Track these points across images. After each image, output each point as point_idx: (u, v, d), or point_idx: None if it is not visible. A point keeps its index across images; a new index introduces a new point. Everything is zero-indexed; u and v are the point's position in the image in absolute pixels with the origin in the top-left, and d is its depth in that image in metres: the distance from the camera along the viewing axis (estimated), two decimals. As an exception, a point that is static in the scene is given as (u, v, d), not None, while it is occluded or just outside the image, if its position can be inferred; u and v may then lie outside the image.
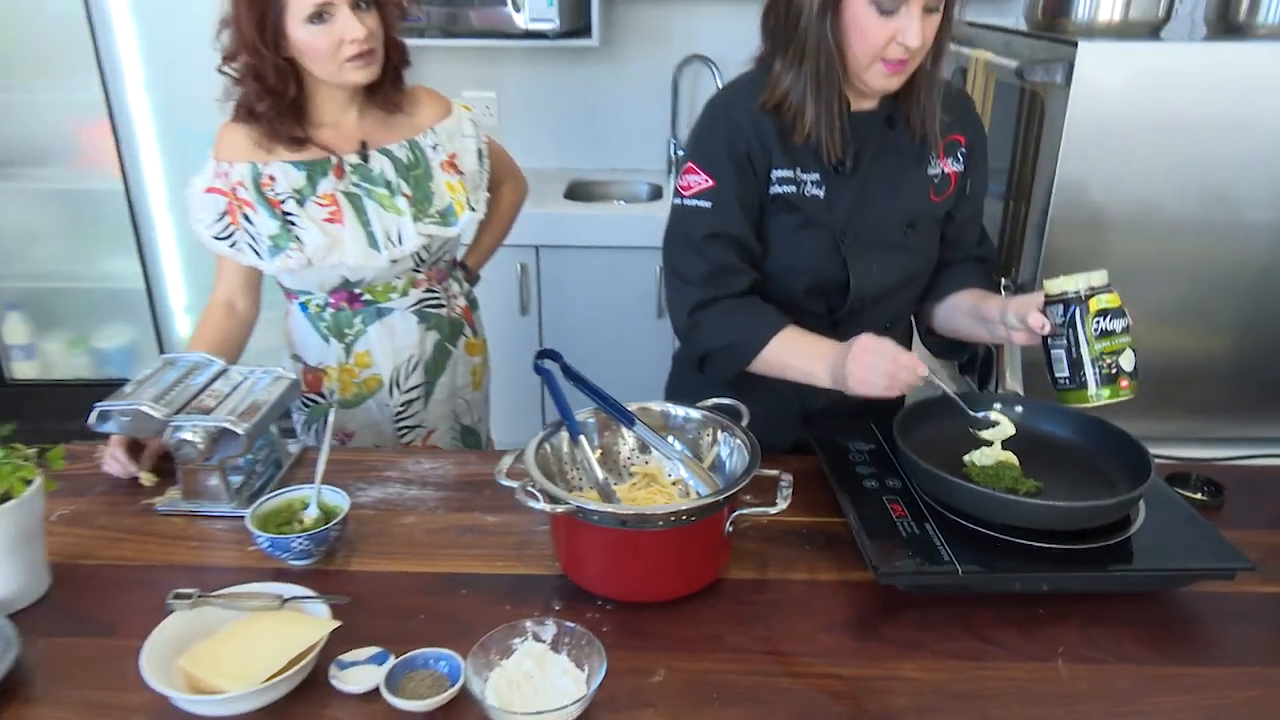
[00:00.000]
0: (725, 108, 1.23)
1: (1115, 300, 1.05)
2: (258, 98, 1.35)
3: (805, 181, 1.20)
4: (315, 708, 0.88)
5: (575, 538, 1.01)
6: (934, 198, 1.25)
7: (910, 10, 1.06)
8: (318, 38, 1.29)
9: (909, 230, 1.24)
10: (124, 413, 1.16)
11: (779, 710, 0.88)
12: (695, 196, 1.21)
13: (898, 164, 1.22)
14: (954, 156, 1.26)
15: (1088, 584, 1.00)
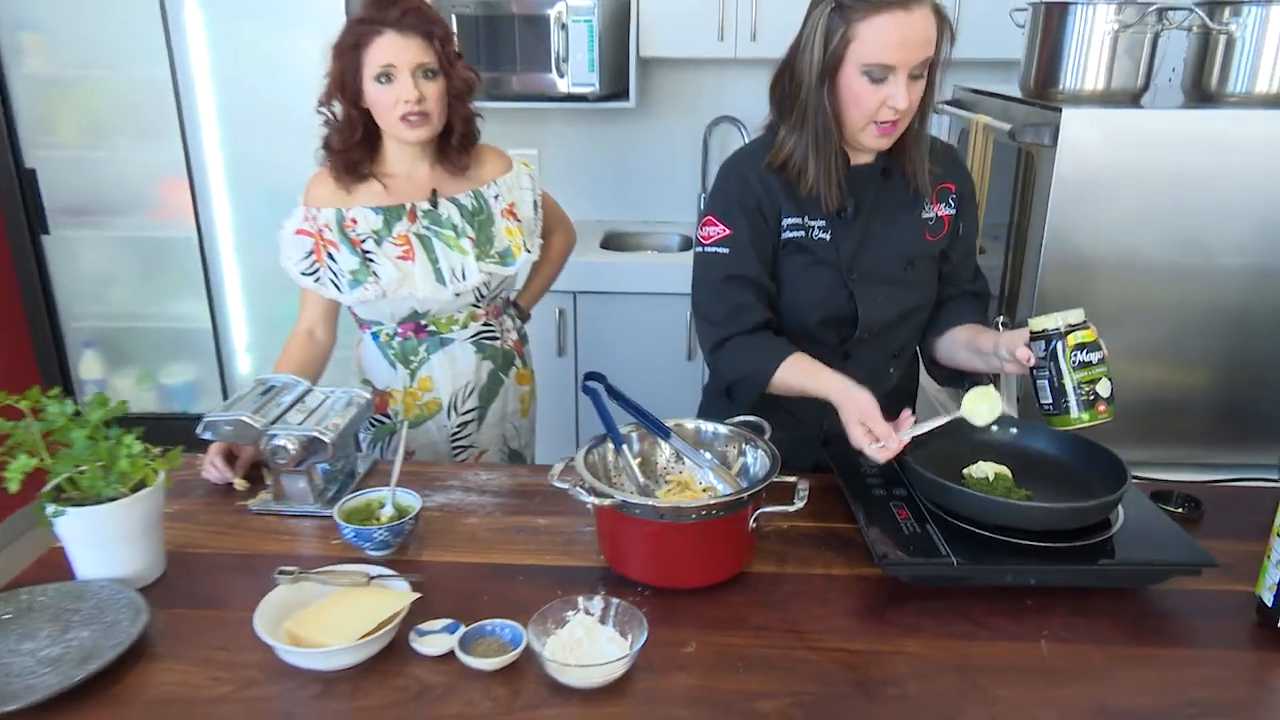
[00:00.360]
0: (737, 168, 1.41)
1: (1091, 335, 1.20)
2: (334, 135, 1.57)
3: (813, 227, 1.37)
4: (399, 666, 1.03)
5: (618, 530, 1.16)
6: (929, 238, 1.42)
7: (897, 78, 1.24)
8: (381, 95, 1.50)
9: (909, 267, 1.40)
10: (228, 422, 1.34)
11: (796, 676, 1.02)
12: (714, 244, 1.38)
13: (895, 209, 1.39)
14: (945, 202, 1.43)
15: (1071, 577, 1.14)
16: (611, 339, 3.03)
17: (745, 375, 1.37)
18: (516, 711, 0.97)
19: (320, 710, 0.97)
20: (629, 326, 3.02)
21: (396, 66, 1.48)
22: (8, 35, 2.76)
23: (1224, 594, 1.16)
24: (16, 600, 1.11)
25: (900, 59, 1.24)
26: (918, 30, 1.23)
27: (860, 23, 1.23)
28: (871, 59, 1.24)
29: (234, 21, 2.77)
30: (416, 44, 1.48)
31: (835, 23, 1.25)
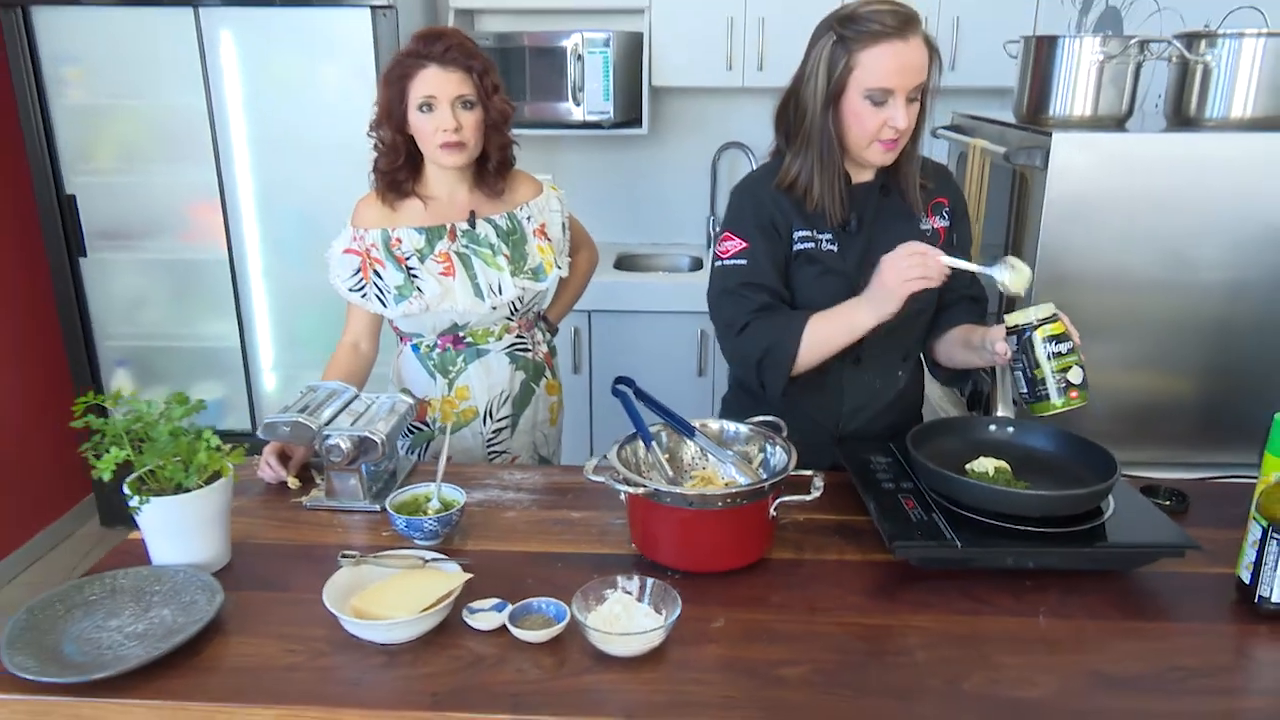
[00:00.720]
0: (749, 189, 1.54)
1: (1059, 328, 1.31)
2: (381, 158, 1.70)
3: (821, 240, 1.49)
4: (454, 639, 1.13)
5: (650, 518, 1.26)
6: None
7: (896, 101, 1.38)
8: (423, 123, 1.63)
9: None
10: (286, 423, 1.44)
11: (815, 646, 1.12)
12: (732, 257, 1.50)
13: (894, 223, 1.51)
14: (940, 215, 1.55)
15: (1066, 560, 1.24)
16: (625, 356, 3.15)
17: (771, 345, 1.44)
18: (564, 678, 1.07)
19: (386, 677, 1.07)
20: (642, 344, 3.14)
21: (437, 98, 1.61)
22: (50, 68, 2.89)
23: (1206, 575, 1.26)
24: (102, 583, 1.21)
25: (898, 83, 1.37)
26: (913, 57, 1.37)
27: (861, 52, 1.37)
28: (873, 84, 1.38)
29: (266, 53, 2.90)
30: (457, 77, 1.60)
31: (838, 53, 1.39)
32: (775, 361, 1.44)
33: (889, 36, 1.36)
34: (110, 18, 2.83)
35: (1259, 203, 1.54)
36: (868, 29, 1.37)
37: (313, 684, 1.06)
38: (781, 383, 1.45)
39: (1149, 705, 1.02)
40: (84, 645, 1.11)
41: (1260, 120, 1.55)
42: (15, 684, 1.04)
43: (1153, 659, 1.10)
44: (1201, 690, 1.04)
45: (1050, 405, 1.32)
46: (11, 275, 3.09)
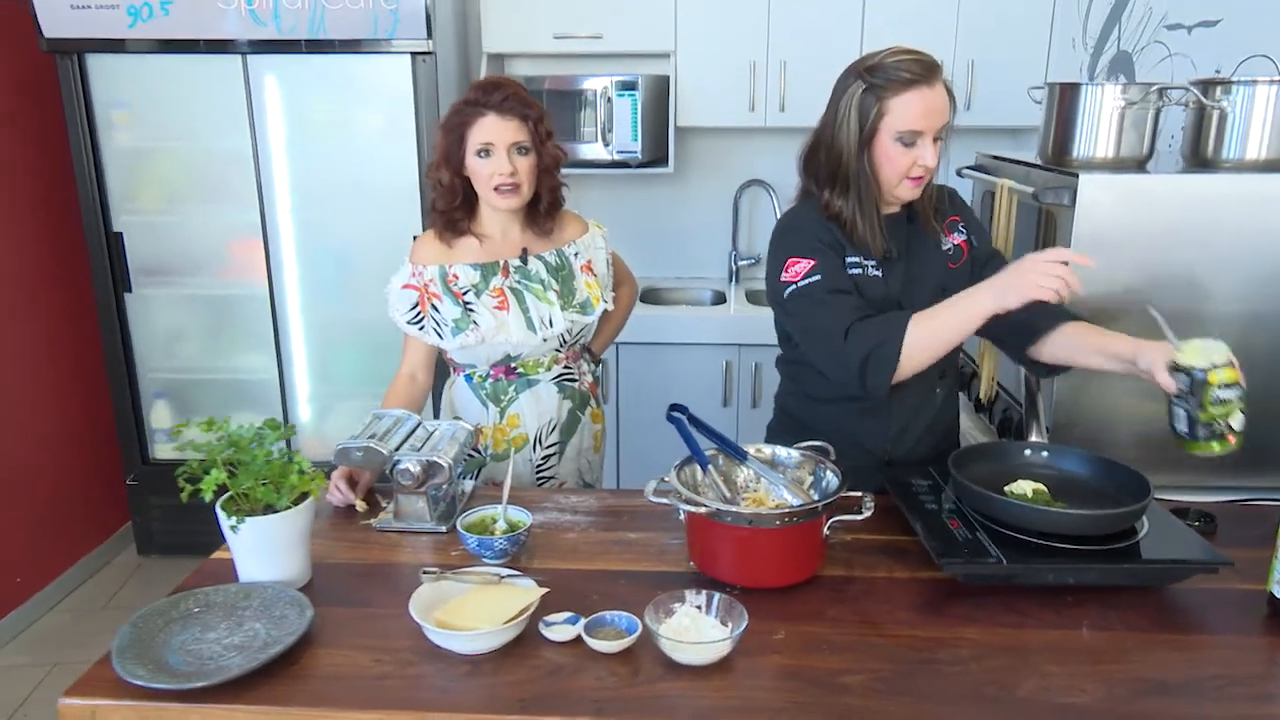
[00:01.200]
0: (799, 218, 1.63)
1: (1233, 375, 1.31)
2: (439, 199, 1.79)
3: (867, 265, 1.59)
4: (532, 650, 1.20)
5: (710, 536, 1.34)
6: (951, 266, 1.63)
7: (925, 141, 1.50)
8: (480, 167, 1.72)
9: (942, 294, 1.57)
10: (359, 449, 1.53)
11: (872, 657, 1.19)
12: (806, 276, 1.54)
13: (923, 249, 1.62)
14: (956, 231, 1.65)
15: (1104, 575, 1.31)
16: (651, 387, 3.23)
17: (875, 346, 1.47)
18: (639, 685, 1.14)
19: (471, 685, 1.14)
20: (668, 375, 3.22)
21: (494, 144, 1.71)
22: (101, 112, 3.02)
23: (1238, 591, 1.33)
24: (195, 598, 1.29)
25: (926, 125, 1.49)
26: (938, 101, 1.49)
27: (891, 99, 1.48)
28: (904, 127, 1.49)
29: (309, 99, 3.03)
30: (514, 125, 1.70)
31: (869, 101, 1.50)
32: (880, 361, 1.47)
33: (916, 84, 1.47)
34: (160, 65, 2.96)
35: (1273, 239, 1.63)
36: (897, 77, 1.48)
37: (405, 691, 1.13)
38: (886, 383, 1.48)
39: (1192, 710, 1.08)
40: (186, 656, 1.18)
41: (1274, 162, 1.64)
42: (129, 690, 1.11)
43: (1192, 668, 1.16)
44: (1240, 696, 1.11)
45: (1209, 448, 1.35)
46: (59, 309, 3.19)
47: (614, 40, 3.18)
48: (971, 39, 3.12)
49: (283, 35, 2.84)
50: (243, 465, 1.29)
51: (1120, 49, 2.64)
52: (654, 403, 3.22)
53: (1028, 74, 3.06)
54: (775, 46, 3.16)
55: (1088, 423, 1.71)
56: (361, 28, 2.83)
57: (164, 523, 3.39)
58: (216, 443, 1.29)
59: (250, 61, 2.95)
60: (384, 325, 3.15)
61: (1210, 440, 1.35)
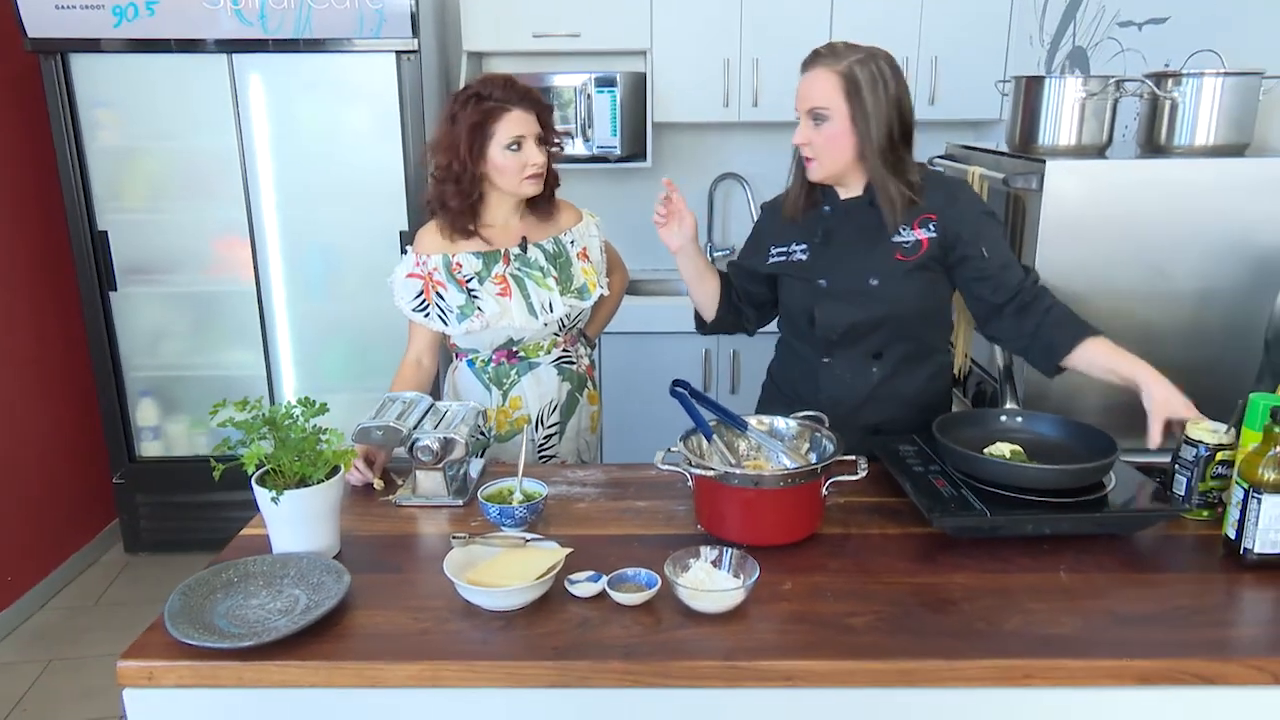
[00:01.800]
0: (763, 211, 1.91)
1: (1233, 455, 1.44)
2: (452, 195, 1.84)
3: (794, 251, 1.78)
4: (560, 605, 1.29)
5: (717, 498, 1.44)
6: (899, 257, 1.70)
7: (802, 120, 1.68)
8: (510, 160, 1.80)
9: (871, 281, 1.70)
10: (379, 428, 1.60)
11: (874, 601, 1.30)
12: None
13: (871, 234, 1.72)
14: (926, 227, 1.70)
15: (1076, 525, 1.43)
16: (633, 375, 3.33)
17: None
18: (662, 632, 1.23)
19: (509, 636, 1.23)
20: (648, 363, 3.32)
21: (525, 136, 1.80)
22: (86, 112, 3.04)
23: (1197, 536, 1.47)
24: (235, 568, 1.36)
25: (799, 106, 1.68)
26: (804, 86, 1.67)
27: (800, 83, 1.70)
28: (795, 107, 1.70)
29: (294, 97, 3.07)
30: (533, 118, 1.80)
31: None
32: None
33: (802, 69, 1.69)
34: (145, 64, 2.99)
35: (1223, 220, 1.77)
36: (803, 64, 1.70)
37: (447, 643, 1.21)
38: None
39: (1158, 636, 1.21)
40: (233, 620, 1.26)
41: (1221, 148, 1.79)
42: (184, 651, 1.18)
43: (1158, 601, 1.29)
44: (1200, 624, 1.24)
45: (1199, 514, 1.48)
46: (44, 308, 3.20)
47: (591, 39, 3.27)
48: (935, 36, 3.26)
49: (269, 35, 2.89)
50: (279, 441, 1.36)
51: (1075, 45, 2.79)
52: (636, 391, 3.32)
53: (988, 69, 3.21)
54: (748, 44, 3.27)
55: (1059, 394, 1.84)
56: (347, 27, 2.89)
57: (151, 520, 3.42)
58: (254, 420, 1.35)
59: (236, 61, 2.99)
60: (370, 321, 3.25)
61: (1202, 508, 1.49)
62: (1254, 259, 1.77)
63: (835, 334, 1.75)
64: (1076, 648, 1.18)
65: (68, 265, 3.20)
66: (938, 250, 1.71)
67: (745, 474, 1.41)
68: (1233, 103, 1.77)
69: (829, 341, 1.77)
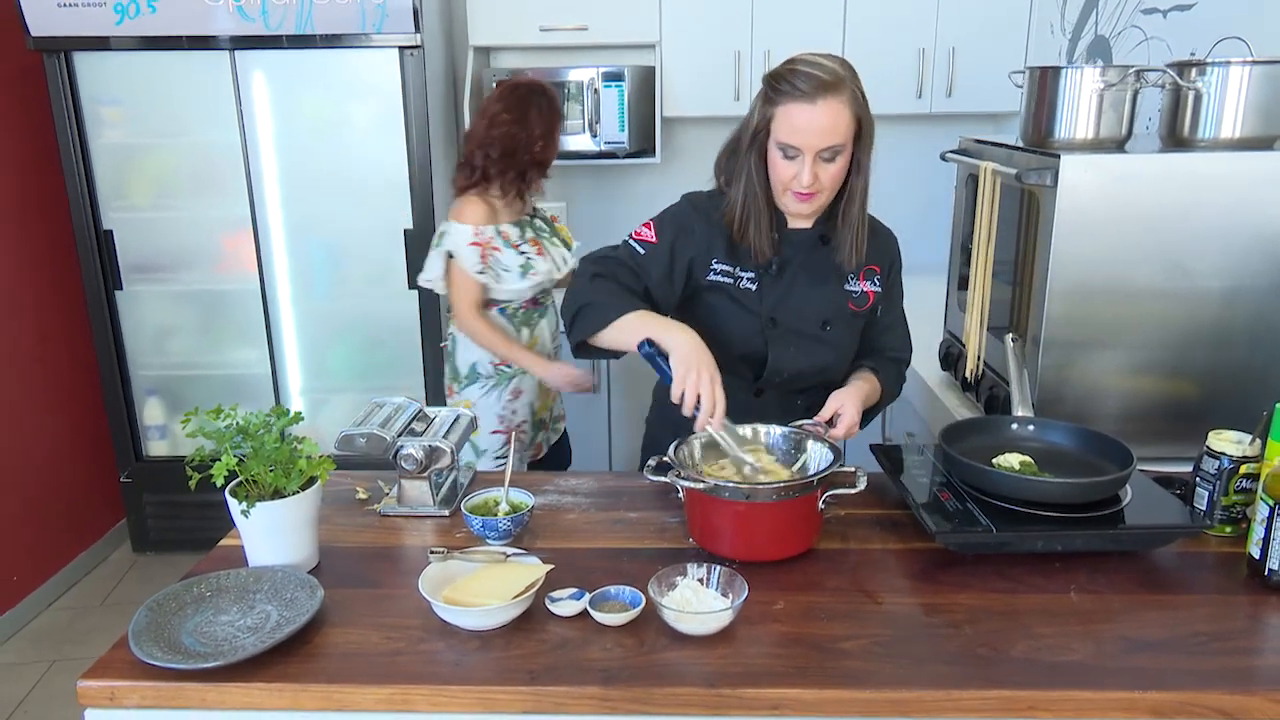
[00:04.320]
0: (696, 205, 1.64)
1: (1259, 468, 1.35)
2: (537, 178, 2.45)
3: (742, 277, 1.59)
4: (540, 625, 1.24)
5: (709, 512, 1.37)
6: (852, 307, 1.64)
7: (804, 159, 1.47)
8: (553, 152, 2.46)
9: (826, 327, 1.62)
10: (363, 435, 1.55)
11: (870, 623, 1.23)
12: (639, 242, 1.60)
13: (823, 274, 1.61)
14: (871, 280, 1.66)
15: (1089, 541, 1.35)
16: (640, 372, 3.26)
17: (595, 304, 1.51)
18: (645, 654, 1.17)
19: (483, 659, 1.17)
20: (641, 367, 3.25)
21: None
22: (90, 109, 3.02)
23: (1218, 554, 1.38)
24: (207, 582, 1.31)
25: (803, 142, 1.46)
26: (820, 120, 1.44)
27: (778, 106, 1.48)
28: (783, 138, 1.47)
29: (298, 93, 3.04)
30: None
31: (765, 103, 1.50)
32: (587, 320, 1.52)
33: (799, 99, 1.44)
34: (148, 61, 2.97)
35: (1249, 215, 1.68)
36: (786, 88, 1.46)
37: (418, 665, 1.16)
38: (581, 338, 1.54)
39: (1175, 665, 1.13)
40: (201, 638, 1.21)
41: (1248, 140, 1.69)
42: (146, 671, 1.14)
43: (1175, 626, 1.21)
44: (1220, 651, 1.16)
45: (1221, 530, 1.41)
46: (50, 308, 3.19)
47: (599, 32, 3.20)
48: (952, 27, 3.16)
49: (270, 31, 2.86)
50: (252, 451, 1.31)
51: (1098, 34, 2.69)
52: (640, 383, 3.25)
53: (1008, 60, 3.11)
54: (759, 36, 3.19)
55: (1074, 400, 1.76)
56: (349, 22, 2.84)
57: (158, 519, 3.40)
58: (226, 430, 1.31)
59: (238, 57, 2.95)
60: (375, 318, 3.21)
61: (1224, 524, 1.40)
62: (1283, 257, 1.68)
63: (780, 377, 1.63)
64: (1086, 677, 1.11)
65: (73, 264, 3.19)
66: (880, 302, 1.69)
67: (737, 487, 1.34)
68: (1261, 93, 1.67)
69: (768, 380, 1.64)
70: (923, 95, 3.23)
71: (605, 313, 1.51)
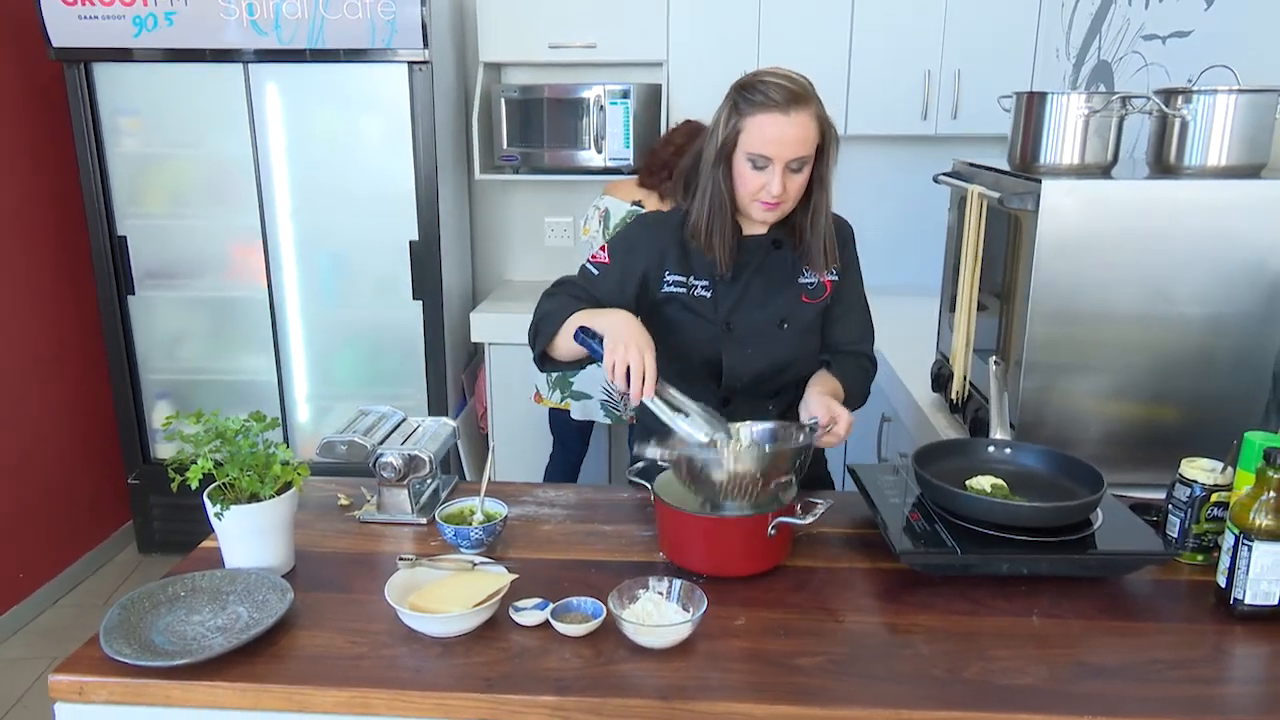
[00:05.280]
0: (649, 224, 1.68)
1: (1230, 496, 1.35)
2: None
3: (696, 285, 1.62)
4: (502, 634, 1.25)
5: (678, 526, 1.39)
6: (805, 299, 1.66)
7: (774, 169, 1.49)
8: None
9: (782, 325, 1.64)
10: (343, 442, 1.58)
11: (828, 641, 1.24)
12: (593, 264, 1.66)
13: (776, 276, 1.65)
14: (829, 270, 1.68)
15: (1054, 566, 1.35)
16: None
17: (547, 313, 1.59)
18: (601, 665, 1.19)
19: (443, 665, 1.19)
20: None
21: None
22: (108, 119, 3.10)
23: (1190, 582, 1.38)
24: (182, 583, 1.34)
25: (775, 153, 1.48)
26: (794, 131, 1.47)
27: (748, 118, 1.50)
28: (753, 149, 1.50)
29: (309, 106, 3.10)
30: None
31: (732, 115, 1.53)
32: (540, 331, 1.60)
33: (772, 109, 1.47)
34: (164, 73, 3.04)
35: (1233, 243, 1.67)
36: (757, 98, 1.48)
37: (379, 670, 1.18)
38: (540, 349, 1.61)
39: (1128, 691, 1.13)
40: (171, 636, 1.24)
41: (1233, 169, 1.69)
42: (115, 668, 1.17)
43: (1134, 653, 1.21)
44: (1176, 680, 1.15)
45: (1193, 557, 1.40)
46: (64, 311, 3.27)
47: (608, 50, 3.24)
48: (958, 49, 3.17)
49: (283, 45, 2.92)
50: (229, 455, 1.34)
51: (1100, 59, 2.69)
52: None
53: (1013, 84, 3.11)
54: (765, 56, 3.22)
55: (1054, 423, 1.76)
56: (360, 37, 2.90)
57: (164, 521, 3.46)
58: (204, 434, 1.34)
59: (252, 70, 3.02)
60: (380, 328, 3.25)
61: (1196, 551, 1.40)
62: (1267, 285, 1.67)
63: (741, 381, 1.66)
64: (1037, 701, 1.11)
65: (87, 269, 3.26)
66: (835, 291, 1.70)
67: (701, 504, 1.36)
68: (1246, 122, 1.67)
69: (729, 385, 1.67)
70: (928, 117, 3.24)
71: (555, 321, 1.57)
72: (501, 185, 3.71)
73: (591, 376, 2.95)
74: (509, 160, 3.34)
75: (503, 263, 3.83)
